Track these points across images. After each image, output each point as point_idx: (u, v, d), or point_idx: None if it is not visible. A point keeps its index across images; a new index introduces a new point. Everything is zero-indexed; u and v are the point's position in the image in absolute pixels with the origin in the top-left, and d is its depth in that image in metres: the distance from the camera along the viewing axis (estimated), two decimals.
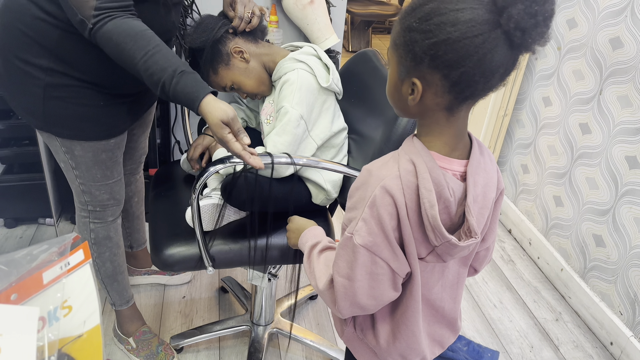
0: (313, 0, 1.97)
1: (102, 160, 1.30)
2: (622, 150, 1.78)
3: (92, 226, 1.41)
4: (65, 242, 0.62)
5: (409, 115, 0.82)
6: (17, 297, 0.56)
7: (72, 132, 1.23)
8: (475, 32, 0.67)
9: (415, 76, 0.73)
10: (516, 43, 0.68)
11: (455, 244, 0.78)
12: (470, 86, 0.71)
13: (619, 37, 1.78)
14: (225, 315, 1.84)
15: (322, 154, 1.34)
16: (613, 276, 1.83)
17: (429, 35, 0.69)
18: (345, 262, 0.81)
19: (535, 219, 2.29)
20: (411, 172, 0.76)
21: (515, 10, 0.66)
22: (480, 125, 2.52)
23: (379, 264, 0.80)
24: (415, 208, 0.77)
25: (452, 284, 0.93)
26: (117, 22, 1.02)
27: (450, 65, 0.69)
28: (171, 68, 1.02)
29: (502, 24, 0.67)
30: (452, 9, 0.68)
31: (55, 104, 1.18)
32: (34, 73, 1.14)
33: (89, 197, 1.36)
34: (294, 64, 1.28)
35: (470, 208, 0.79)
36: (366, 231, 0.78)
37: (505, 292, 2.08)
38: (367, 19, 4.91)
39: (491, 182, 0.84)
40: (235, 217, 1.31)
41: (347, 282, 0.82)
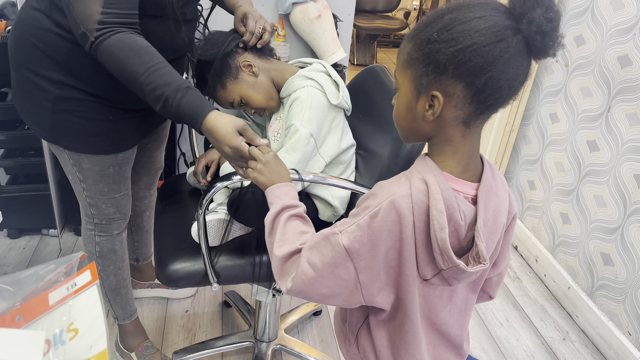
0: (320, 15, 1.97)
1: (110, 174, 1.29)
2: (630, 168, 1.77)
3: (97, 239, 1.40)
4: (71, 261, 0.61)
5: (419, 136, 0.80)
6: (22, 319, 0.55)
7: (80, 145, 1.23)
8: (499, 36, 0.68)
9: (436, 89, 0.73)
10: (536, 47, 0.69)
11: (463, 269, 0.76)
12: (494, 93, 0.71)
13: (627, 54, 1.78)
14: (229, 331, 1.82)
15: (330, 170, 1.33)
16: (621, 295, 1.81)
17: (452, 43, 0.69)
18: (320, 254, 0.78)
19: (542, 236, 2.27)
20: (423, 192, 0.75)
21: (536, 14, 0.67)
22: (486, 140, 2.51)
23: (348, 270, 0.77)
24: (423, 228, 0.75)
25: (460, 310, 0.91)
26: (120, 36, 1.00)
27: (475, 72, 0.70)
28: (176, 83, 1.00)
29: (523, 29, 0.69)
30: (472, 17, 0.70)
31: (63, 117, 1.18)
32: (44, 85, 1.15)
33: (95, 210, 1.35)
34: (304, 81, 1.28)
35: (480, 233, 0.77)
36: (356, 237, 0.75)
37: (511, 310, 2.05)
38: (373, 33, 4.93)
39: (502, 206, 0.82)
40: (240, 233, 1.29)
41: (311, 272, 0.78)
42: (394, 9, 5.22)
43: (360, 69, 1.53)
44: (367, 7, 5.05)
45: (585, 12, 1.99)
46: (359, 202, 0.81)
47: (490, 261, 0.85)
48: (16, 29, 1.16)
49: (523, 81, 0.73)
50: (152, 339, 1.70)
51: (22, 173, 2.16)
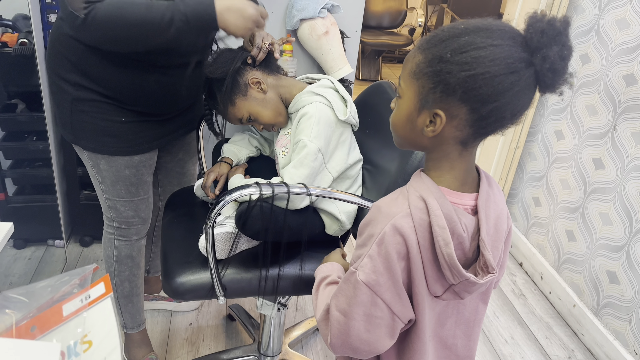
0: (328, 31, 1.99)
1: (126, 176, 1.34)
2: (636, 186, 1.77)
3: (116, 243, 1.44)
4: (85, 272, 0.62)
5: (415, 146, 0.81)
6: (37, 330, 0.56)
7: (96, 145, 1.29)
8: (512, 69, 0.68)
9: (441, 108, 0.72)
10: (546, 84, 0.70)
11: (474, 281, 0.76)
12: (497, 122, 0.72)
13: (632, 73, 1.79)
14: (232, 344, 1.81)
15: (337, 185, 1.34)
16: (627, 314, 1.80)
17: (465, 67, 0.69)
18: (345, 297, 0.79)
19: (547, 253, 2.26)
20: (422, 210, 0.75)
21: (552, 52, 0.67)
22: (491, 157, 2.51)
23: (379, 306, 0.77)
24: (428, 246, 0.75)
25: (468, 321, 0.90)
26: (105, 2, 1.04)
27: (482, 100, 0.69)
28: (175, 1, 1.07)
29: (536, 63, 0.69)
30: (489, 43, 0.69)
31: (81, 118, 1.25)
32: (65, 87, 1.23)
33: (114, 213, 1.40)
34: (312, 97, 1.29)
35: (485, 242, 0.77)
36: (370, 268, 0.76)
37: (516, 327, 2.04)
38: (378, 49, 4.97)
39: (502, 213, 0.83)
40: (247, 246, 1.30)
41: (343, 318, 0.79)
42: (399, 26, 5.26)
43: (365, 84, 1.55)
44: (372, 23, 5.10)
45: (591, 30, 2.01)
46: (360, 228, 0.81)
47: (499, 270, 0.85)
48: (50, 37, 1.26)
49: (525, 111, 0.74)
50: (156, 351, 1.69)
51: (29, 184, 2.18)
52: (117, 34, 1.08)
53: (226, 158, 1.45)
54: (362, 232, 0.80)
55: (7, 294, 0.57)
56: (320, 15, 1.97)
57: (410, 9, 5.40)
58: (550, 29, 0.68)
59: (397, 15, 5.17)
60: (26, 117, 1.99)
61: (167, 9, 1.07)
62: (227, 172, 1.41)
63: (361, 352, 0.81)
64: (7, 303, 0.56)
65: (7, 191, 2.09)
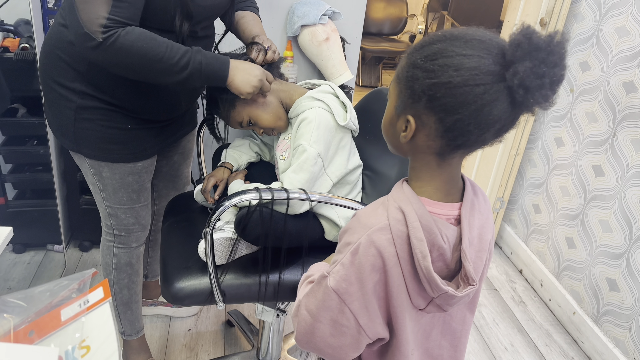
0: (328, 38, 2.00)
1: (129, 183, 1.34)
2: (636, 193, 1.77)
3: (115, 251, 1.44)
4: (84, 277, 0.62)
5: (401, 152, 0.80)
6: (35, 334, 0.55)
7: (100, 153, 1.28)
8: (478, 81, 0.65)
9: (411, 114, 0.72)
10: (518, 101, 0.66)
11: (453, 294, 0.75)
12: (463, 135, 0.69)
13: (632, 81, 1.79)
14: (231, 350, 1.81)
15: (337, 191, 1.34)
16: (627, 322, 1.79)
17: (431, 75, 0.67)
18: (314, 299, 0.79)
19: (547, 260, 2.26)
20: (401, 222, 0.73)
21: (522, 67, 0.63)
22: (491, 163, 2.52)
23: (345, 314, 0.76)
24: (407, 258, 0.74)
25: (455, 331, 0.88)
26: (128, 30, 1.06)
27: (446, 110, 0.68)
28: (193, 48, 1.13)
29: (507, 78, 0.65)
30: (458, 53, 0.67)
31: (85, 126, 1.25)
32: (68, 96, 1.22)
33: (115, 221, 1.39)
34: (312, 102, 1.29)
35: (467, 253, 0.75)
36: (342, 276, 0.75)
37: (516, 335, 2.03)
38: (378, 55, 4.98)
39: (487, 223, 0.81)
40: (247, 252, 1.29)
41: (310, 319, 0.79)
42: (399, 32, 5.28)
43: (366, 90, 1.55)
44: (373, 30, 5.11)
45: (591, 38, 2.01)
46: (340, 234, 0.81)
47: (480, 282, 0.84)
48: (46, 44, 1.25)
49: (501, 130, 0.70)
50: (155, 357, 1.69)
51: (29, 188, 2.18)
52: (131, 63, 1.09)
53: (226, 163, 1.46)
54: (341, 238, 0.80)
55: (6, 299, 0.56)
56: (321, 21, 1.98)
57: (411, 16, 5.42)
58: (526, 43, 0.64)
59: (397, 22, 5.19)
60: (27, 122, 1.99)
61: (185, 53, 1.11)
62: (227, 177, 1.42)
63: (325, 354, 0.81)
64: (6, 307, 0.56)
65: (6, 195, 2.09)
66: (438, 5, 5.63)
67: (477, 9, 5.03)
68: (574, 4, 2.11)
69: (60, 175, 2.02)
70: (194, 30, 1.24)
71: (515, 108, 0.67)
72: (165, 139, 1.41)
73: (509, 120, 0.69)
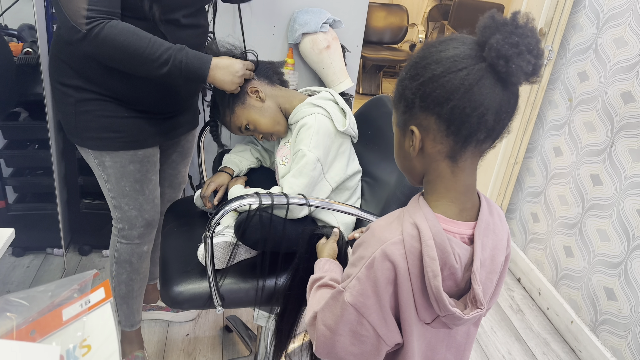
0: (329, 46, 2.02)
1: (131, 171, 1.38)
2: (634, 203, 1.78)
3: (118, 245, 1.49)
4: (85, 278, 0.63)
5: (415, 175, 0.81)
6: (36, 334, 0.56)
7: (100, 142, 1.34)
8: (459, 66, 0.69)
9: (412, 124, 0.74)
10: (502, 73, 0.68)
11: (460, 317, 0.75)
12: (464, 122, 0.70)
13: (630, 91, 1.81)
14: (229, 356, 1.81)
15: (336, 196, 1.35)
16: (625, 331, 1.80)
17: (417, 78, 0.72)
18: (332, 314, 0.80)
19: (545, 269, 2.26)
20: (415, 238, 0.74)
21: (494, 39, 0.67)
22: (490, 172, 2.53)
23: (364, 326, 0.77)
24: (418, 274, 0.75)
25: (460, 345, 0.89)
26: (112, 23, 1.13)
27: (439, 102, 0.70)
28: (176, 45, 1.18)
29: (485, 56, 0.69)
30: (435, 50, 0.72)
31: (84, 118, 1.31)
32: (68, 92, 1.29)
33: (119, 213, 1.44)
34: (312, 108, 1.31)
35: (477, 275, 0.76)
36: (358, 291, 0.76)
37: (514, 343, 2.03)
38: (379, 64, 5.01)
39: (500, 244, 0.81)
40: (245, 256, 1.30)
41: (329, 333, 0.80)
42: (400, 41, 5.31)
43: (366, 98, 1.56)
44: (373, 38, 5.14)
45: (589, 48, 2.03)
46: (354, 247, 0.82)
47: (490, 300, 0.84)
48: (50, 48, 1.34)
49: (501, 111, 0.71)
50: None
51: (30, 192, 2.18)
52: (114, 55, 1.16)
53: (227, 168, 1.47)
54: (355, 251, 0.81)
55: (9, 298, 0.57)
56: (322, 29, 2.00)
57: (411, 25, 5.45)
58: (491, 21, 0.70)
59: (398, 31, 5.22)
60: (28, 126, 2.00)
61: (166, 50, 1.17)
62: (227, 182, 1.43)
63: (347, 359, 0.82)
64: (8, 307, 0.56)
65: (7, 199, 2.10)
66: (438, 14, 5.67)
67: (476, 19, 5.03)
68: (573, 14, 2.13)
69: (61, 179, 2.03)
70: (174, 19, 1.26)
71: (504, 83, 0.70)
72: (166, 132, 1.46)
73: (505, 101, 0.71)
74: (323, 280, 0.94)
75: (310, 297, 0.92)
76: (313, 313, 0.85)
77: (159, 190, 1.51)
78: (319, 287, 0.93)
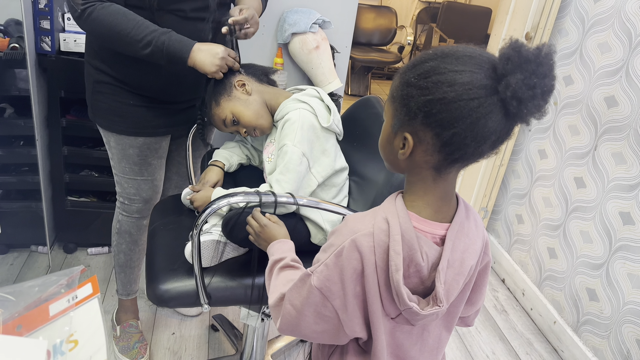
0: (318, 46, 2.02)
1: (130, 155, 1.49)
2: (616, 205, 1.81)
3: (119, 217, 1.62)
4: (73, 274, 0.63)
5: (398, 169, 0.81)
6: (22, 329, 0.56)
7: (108, 123, 1.46)
8: (472, 95, 0.67)
9: (408, 131, 0.74)
10: (512, 112, 0.68)
11: (417, 312, 0.76)
12: (461, 149, 0.71)
13: (613, 96, 1.84)
14: (215, 355, 1.81)
15: (323, 193, 1.36)
16: (606, 331, 1.83)
17: (425, 92, 0.69)
18: (299, 295, 0.82)
19: (529, 270, 2.29)
20: (384, 231, 0.75)
21: (514, 79, 0.65)
22: (476, 174, 2.55)
23: (328, 307, 0.80)
24: (384, 267, 0.76)
25: (432, 349, 0.89)
26: (105, 5, 1.24)
27: (442, 125, 0.69)
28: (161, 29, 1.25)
29: (500, 91, 0.67)
30: (451, 69, 0.69)
31: (98, 98, 1.43)
32: (90, 71, 1.43)
33: (120, 188, 1.57)
34: (296, 104, 1.32)
35: (441, 274, 0.77)
36: (325, 276, 0.78)
37: (498, 343, 2.06)
38: (368, 65, 5.03)
39: (472, 247, 0.81)
40: (234, 254, 1.30)
41: (294, 312, 0.82)
42: (388, 43, 5.34)
43: (355, 99, 1.58)
44: (362, 40, 5.17)
45: (574, 53, 2.06)
46: (329, 235, 0.84)
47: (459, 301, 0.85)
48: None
49: (497, 142, 0.72)
50: None
51: (14, 189, 2.16)
52: (103, 34, 1.27)
53: (217, 162, 1.47)
54: (328, 238, 0.83)
55: None
56: (312, 30, 2.01)
57: (400, 28, 5.48)
58: (516, 56, 0.67)
59: (387, 33, 5.25)
60: (14, 122, 1.98)
61: (150, 33, 1.24)
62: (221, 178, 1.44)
63: (310, 338, 0.85)
64: None
65: None
66: (427, 17, 5.71)
67: (464, 22, 5.11)
68: (559, 19, 2.16)
69: (46, 176, 2.01)
70: (181, 9, 1.31)
71: (509, 119, 0.69)
72: (172, 125, 1.53)
73: (504, 132, 0.71)
74: (284, 261, 0.95)
75: (272, 279, 0.93)
76: (279, 294, 0.86)
77: (162, 173, 1.61)
78: (282, 269, 0.94)
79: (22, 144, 2.06)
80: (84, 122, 1.99)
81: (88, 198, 2.19)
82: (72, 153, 2.05)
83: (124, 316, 1.78)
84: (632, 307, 1.72)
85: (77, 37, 1.89)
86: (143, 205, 1.59)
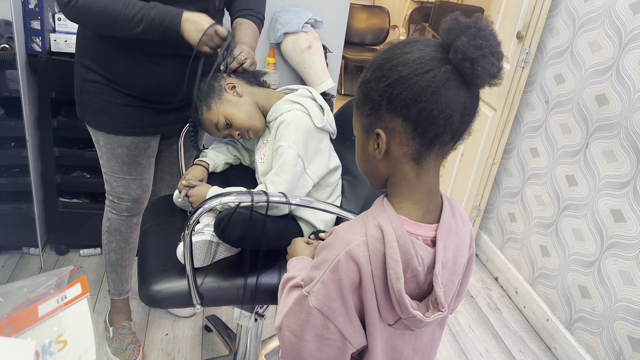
0: (311, 46, 2.03)
1: (119, 154, 1.49)
2: (607, 203, 1.82)
3: (109, 215, 1.61)
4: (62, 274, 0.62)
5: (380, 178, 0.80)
6: (11, 329, 0.56)
7: (96, 122, 1.46)
8: (425, 68, 0.70)
9: (378, 127, 0.74)
10: (468, 75, 0.70)
11: (421, 319, 0.76)
12: (431, 124, 0.71)
13: (604, 94, 1.85)
14: (209, 355, 1.80)
15: (317, 193, 1.36)
16: (598, 328, 1.84)
17: (383, 79, 0.72)
18: (296, 319, 0.79)
19: (522, 268, 2.30)
20: (379, 240, 0.74)
21: (460, 42, 0.69)
22: (468, 172, 2.56)
23: (331, 329, 0.77)
24: (381, 276, 0.75)
25: (426, 347, 0.89)
26: None
27: (407, 104, 0.71)
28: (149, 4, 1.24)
29: (451, 58, 0.70)
30: (401, 52, 0.72)
31: (86, 97, 1.43)
32: (79, 69, 1.42)
33: (109, 187, 1.57)
34: (290, 105, 1.32)
35: (438, 278, 0.76)
36: (323, 294, 0.76)
37: (491, 341, 2.07)
38: (360, 65, 5.03)
39: (462, 245, 0.81)
40: (226, 254, 1.30)
41: (295, 339, 0.79)
42: (381, 43, 5.35)
43: (347, 99, 1.58)
44: (355, 39, 5.17)
45: (565, 52, 2.08)
46: (317, 250, 0.81)
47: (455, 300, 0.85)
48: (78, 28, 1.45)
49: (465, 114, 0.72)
50: None
51: (5, 190, 2.14)
52: (93, 20, 1.27)
53: (201, 161, 1.46)
54: (319, 254, 0.80)
55: None
56: (304, 29, 2.01)
57: (393, 27, 5.49)
58: (455, 24, 0.70)
59: (379, 32, 5.26)
60: (4, 124, 1.97)
61: (139, 10, 1.24)
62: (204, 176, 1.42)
63: None
64: None
65: None
66: (419, 17, 5.73)
67: None
68: (550, 18, 2.17)
69: (37, 178, 2.00)
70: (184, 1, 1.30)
71: (469, 85, 0.71)
72: (161, 125, 1.52)
73: (469, 102, 0.72)
74: (296, 280, 0.92)
75: (282, 297, 0.90)
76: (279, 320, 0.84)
77: (151, 172, 1.60)
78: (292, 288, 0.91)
79: (13, 145, 2.04)
80: (75, 123, 1.97)
81: (80, 199, 2.17)
82: (64, 154, 2.04)
83: (117, 317, 1.77)
84: (623, 304, 1.73)
85: (68, 37, 1.88)
86: (132, 204, 1.59)
